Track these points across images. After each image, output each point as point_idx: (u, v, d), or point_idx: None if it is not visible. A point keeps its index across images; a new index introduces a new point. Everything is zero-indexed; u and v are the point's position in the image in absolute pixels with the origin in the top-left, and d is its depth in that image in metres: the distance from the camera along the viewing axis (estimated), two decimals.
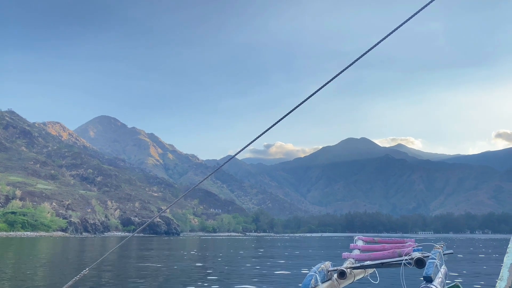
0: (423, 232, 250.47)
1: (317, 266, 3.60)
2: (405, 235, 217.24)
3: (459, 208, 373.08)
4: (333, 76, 2.63)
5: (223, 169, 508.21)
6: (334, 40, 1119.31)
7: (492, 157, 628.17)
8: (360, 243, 4.92)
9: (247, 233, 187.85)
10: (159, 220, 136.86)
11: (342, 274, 3.66)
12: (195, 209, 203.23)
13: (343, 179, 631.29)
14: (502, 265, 3.22)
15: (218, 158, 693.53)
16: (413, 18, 2.40)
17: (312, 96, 2.61)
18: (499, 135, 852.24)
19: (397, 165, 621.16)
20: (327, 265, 3.72)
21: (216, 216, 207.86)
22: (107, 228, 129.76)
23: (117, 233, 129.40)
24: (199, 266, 17.02)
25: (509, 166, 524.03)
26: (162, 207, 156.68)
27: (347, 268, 3.78)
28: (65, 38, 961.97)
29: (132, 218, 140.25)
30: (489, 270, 14.81)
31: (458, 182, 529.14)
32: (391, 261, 3.69)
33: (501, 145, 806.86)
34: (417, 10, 2.50)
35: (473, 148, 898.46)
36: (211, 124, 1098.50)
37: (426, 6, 2.42)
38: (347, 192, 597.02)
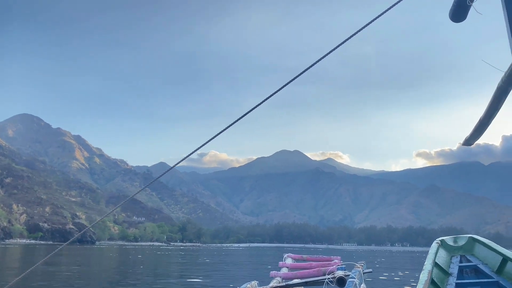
0: (348, 244, 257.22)
1: (243, 286, 3.56)
2: (330, 246, 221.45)
3: (382, 221, 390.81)
4: (275, 90, 2.74)
5: (154, 176, 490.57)
6: (276, 54, 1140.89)
7: (412, 174, 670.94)
8: (289, 261, 5.01)
9: (171, 243, 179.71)
10: (71, 227, 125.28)
11: None
12: (116, 217, 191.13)
13: (276, 190, 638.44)
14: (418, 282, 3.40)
15: (149, 165, 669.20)
16: (349, 40, 2.53)
17: (249, 107, 2.70)
18: (419, 154, 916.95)
19: (326, 178, 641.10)
20: (253, 284, 3.71)
21: (139, 224, 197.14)
22: (8, 234, 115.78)
23: (21, 241, 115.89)
24: None
25: (427, 184, 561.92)
26: (78, 213, 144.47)
27: (272, 287, 3.76)
28: None
29: (40, 224, 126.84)
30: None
31: (382, 196, 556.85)
32: (315, 280, 3.76)
33: (420, 163, 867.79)
34: (353, 33, 2.67)
35: (396, 165, 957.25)
36: (145, 129, 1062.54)
37: (361, 30, 2.63)
38: (279, 203, 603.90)
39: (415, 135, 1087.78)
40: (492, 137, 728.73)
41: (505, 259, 4.02)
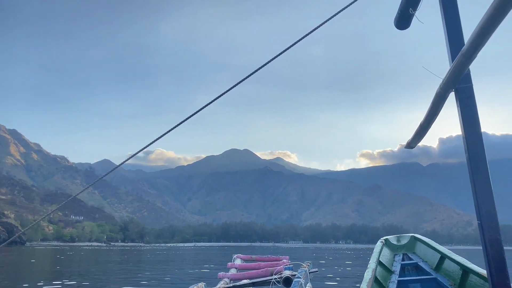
0: (294, 242, 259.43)
1: None
2: (276, 244, 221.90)
3: (327, 219, 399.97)
4: (227, 89, 2.74)
5: (96, 174, 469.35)
6: (226, 52, 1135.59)
7: (356, 174, 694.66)
8: (238, 262, 5.01)
9: (112, 243, 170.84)
10: None
11: None
12: (51, 215, 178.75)
13: (224, 189, 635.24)
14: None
15: (92, 162, 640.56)
16: (299, 42, 2.60)
17: (198, 106, 2.74)
18: (362, 155, 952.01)
19: (275, 177, 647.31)
20: (200, 286, 3.73)
21: (77, 224, 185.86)
22: None
23: None
24: None
25: (370, 183, 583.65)
26: (5, 212, 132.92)
27: None
28: None
29: None
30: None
31: (327, 195, 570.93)
32: (262, 280, 3.83)
33: (364, 163, 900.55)
34: (303, 35, 2.70)
35: (341, 165, 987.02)
36: (87, 124, 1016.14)
37: (311, 32, 2.65)
38: (227, 202, 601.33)
39: (359, 136, 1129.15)
40: (430, 139, 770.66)
41: (442, 257, 4.23)
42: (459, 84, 2.03)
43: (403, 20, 2.71)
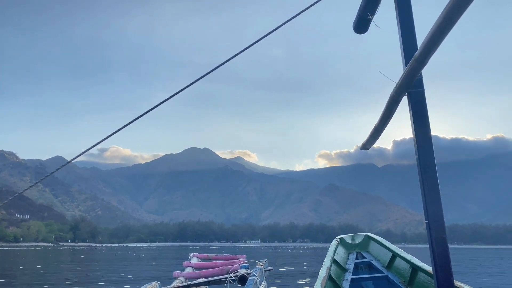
0: (252, 241, 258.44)
1: (142, 287, 3.54)
2: (234, 244, 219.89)
3: (285, 219, 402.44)
4: (184, 86, 2.72)
5: (48, 171, 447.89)
6: (186, 49, 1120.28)
7: (314, 174, 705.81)
8: (194, 260, 5.01)
9: (60, 243, 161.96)
10: None
11: None
12: None
13: (183, 188, 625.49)
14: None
15: (43, 159, 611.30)
16: (259, 42, 2.63)
17: (157, 102, 2.59)
18: (321, 155, 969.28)
19: (235, 177, 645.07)
20: (154, 285, 3.70)
21: (22, 223, 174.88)
22: None
23: None
24: None
25: (327, 183, 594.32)
26: None
27: (174, 287, 3.80)
28: None
29: None
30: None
31: (286, 195, 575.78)
32: (217, 279, 3.85)
33: (322, 164, 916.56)
34: (263, 35, 2.75)
35: (300, 165, 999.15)
36: (39, 120, 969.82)
37: (270, 33, 2.69)
38: (185, 201, 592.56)
39: (318, 137, 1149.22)
40: (385, 141, 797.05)
41: (394, 255, 4.37)
42: (411, 89, 2.11)
43: (361, 25, 2.76)
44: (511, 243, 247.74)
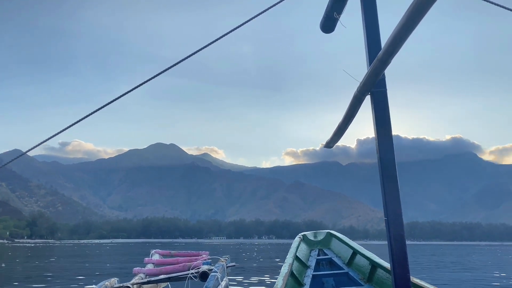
0: (217, 238, 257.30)
1: (100, 283, 3.46)
2: (199, 240, 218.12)
3: (251, 215, 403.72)
4: (147, 79, 2.68)
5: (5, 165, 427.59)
6: (154, 43, 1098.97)
7: (281, 171, 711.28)
8: (156, 257, 4.96)
9: (16, 240, 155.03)
10: None
11: None
12: None
13: (148, 184, 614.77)
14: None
15: (0, 152, 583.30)
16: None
17: (124, 96, 2.58)
18: (287, 153, 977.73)
19: (201, 173, 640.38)
20: (112, 281, 3.63)
21: None
22: None
23: None
24: None
25: (293, 180, 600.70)
26: None
27: (133, 284, 3.71)
28: None
29: None
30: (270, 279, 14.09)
31: (253, 191, 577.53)
32: (178, 275, 3.83)
33: (288, 161, 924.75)
34: (228, 31, 2.70)
35: (267, 162, 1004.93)
36: None
37: (236, 29, 2.68)
38: (150, 197, 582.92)
39: (285, 134, 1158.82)
40: (349, 140, 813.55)
41: (354, 252, 4.48)
42: (374, 88, 2.18)
43: (328, 24, 2.78)
44: (467, 239, 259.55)
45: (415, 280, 3.11)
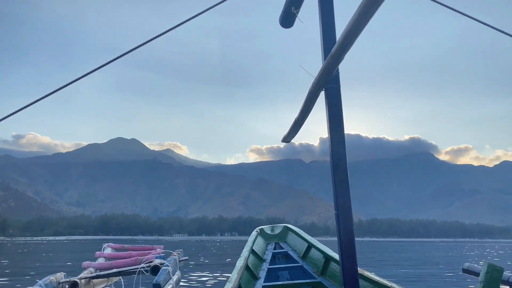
0: (178, 235, 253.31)
1: (45, 278, 3.34)
2: (160, 237, 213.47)
3: (214, 212, 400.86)
4: (96, 67, 2.58)
5: None
6: (116, 36, 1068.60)
7: (245, 168, 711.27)
8: (108, 251, 4.77)
9: None
10: None
11: (74, 285, 3.44)
12: None
13: (108, 180, 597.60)
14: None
15: None
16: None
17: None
18: (252, 150, 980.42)
19: (164, 169, 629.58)
20: (58, 276, 3.49)
21: None
22: None
23: None
24: None
25: (257, 177, 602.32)
26: None
27: (81, 278, 3.55)
28: None
29: None
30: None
31: (216, 188, 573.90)
32: (129, 269, 3.72)
33: (252, 158, 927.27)
34: (181, 22, 2.70)
35: (231, 158, 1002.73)
36: None
37: (197, 15, 2.62)
38: (110, 193, 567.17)
39: (250, 131, 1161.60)
40: (312, 138, 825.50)
41: (309, 246, 4.54)
42: (328, 84, 2.21)
43: (287, 19, 2.79)
44: (423, 236, 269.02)
45: (366, 273, 3.22)
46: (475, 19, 2.15)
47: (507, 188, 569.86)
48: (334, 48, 1.74)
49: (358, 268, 2.22)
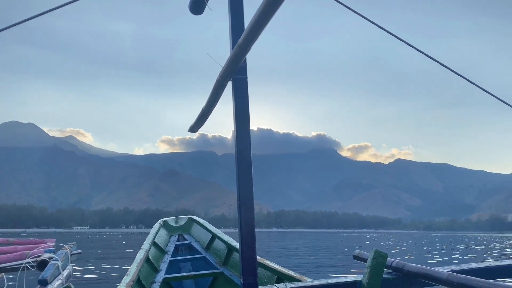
0: (79, 227, 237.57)
1: None
2: (58, 230, 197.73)
3: (120, 204, 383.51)
4: None
5: None
6: (5, 4, 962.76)
7: (155, 159, 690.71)
8: None
9: None
10: None
11: None
12: None
13: None
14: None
15: None
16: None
17: None
18: (162, 140, 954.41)
19: (65, 157, 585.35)
20: None
21: None
22: None
23: None
24: None
25: (167, 168, 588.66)
26: None
27: None
28: None
29: None
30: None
31: (123, 179, 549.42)
32: (12, 265, 3.31)
33: (163, 149, 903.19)
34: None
35: (140, 148, 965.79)
36: None
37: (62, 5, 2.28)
38: (0, 182, 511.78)
39: (161, 121, 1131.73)
40: (226, 131, 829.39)
41: (213, 237, 4.55)
42: (235, 75, 2.18)
43: (196, 5, 2.70)
44: (325, 227, 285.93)
45: (266, 262, 3.29)
46: (372, 22, 2.21)
47: (399, 184, 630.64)
48: (242, 38, 1.73)
49: (258, 257, 2.26)
